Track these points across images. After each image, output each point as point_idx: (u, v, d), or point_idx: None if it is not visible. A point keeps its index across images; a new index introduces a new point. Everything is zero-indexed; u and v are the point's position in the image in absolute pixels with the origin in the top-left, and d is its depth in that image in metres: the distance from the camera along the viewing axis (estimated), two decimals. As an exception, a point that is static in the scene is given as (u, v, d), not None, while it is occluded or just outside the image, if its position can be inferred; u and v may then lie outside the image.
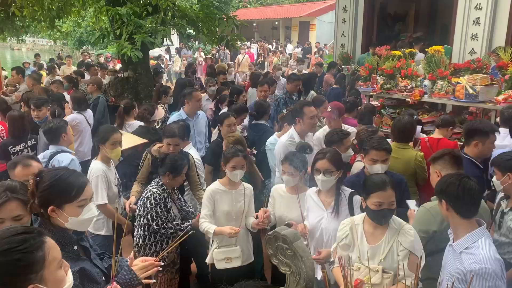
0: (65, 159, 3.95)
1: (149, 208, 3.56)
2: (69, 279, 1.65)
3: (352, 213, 3.10)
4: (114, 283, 2.03)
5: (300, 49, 24.97)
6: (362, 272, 2.50)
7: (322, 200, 3.22)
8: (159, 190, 3.61)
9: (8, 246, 1.47)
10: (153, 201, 3.57)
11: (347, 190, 3.24)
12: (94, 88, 7.29)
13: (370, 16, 10.19)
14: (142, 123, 5.47)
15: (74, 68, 13.41)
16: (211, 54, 20.02)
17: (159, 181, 3.69)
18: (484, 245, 2.29)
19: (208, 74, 10.24)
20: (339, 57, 10.49)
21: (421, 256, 2.42)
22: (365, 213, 2.72)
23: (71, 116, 5.91)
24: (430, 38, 9.96)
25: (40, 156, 4.11)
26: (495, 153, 3.65)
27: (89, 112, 6.28)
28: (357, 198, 3.13)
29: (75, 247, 2.07)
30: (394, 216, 2.67)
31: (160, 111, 6.12)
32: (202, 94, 6.37)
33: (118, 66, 12.59)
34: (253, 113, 5.68)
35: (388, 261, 2.55)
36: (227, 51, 20.38)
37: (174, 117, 5.48)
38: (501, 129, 4.39)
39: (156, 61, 17.64)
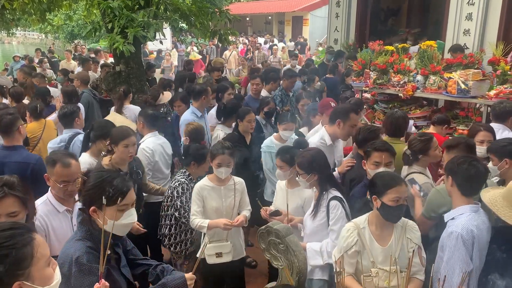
0: None
1: (175, 197, 3.68)
2: (57, 276, 1.62)
3: (328, 217, 3.06)
4: (103, 280, 1.99)
5: (293, 43, 24.82)
6: (382, 277, 2.45)
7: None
8: (186, 180, 3.74)
9: None
10: (180, 190, 3.70)
11: (332, 194, 3.13)
12: (78, 83, 7.24)
13: (363, 11, 10.18)
14: (138, 108, 5.68)
15: (75, 63, 13.28)
16: (197, 50, 19.68)
17: (186, 171, 3.80)
18: (467, 217, 2.51)
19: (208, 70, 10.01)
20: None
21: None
22: (367, 215, 2.67)
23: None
24: (423, 33, 9.99)
25: (57, 140, 4.40)
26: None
27: (81, 107, 6.24)
28: (334, 204, 3.06)
29: (108, 252, 2.05)
30: None
31: (166, 95, 6.38)
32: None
33: (110, 60, 12.52)
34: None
35: (402, 260, 2.54)
36: (214, 47, 20.00)
37: (187, 114, 5.28)
38: (493, 124, 4.42)
39: (156, 55, 17.39)
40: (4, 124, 3.70)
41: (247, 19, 34.16)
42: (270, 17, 33.95)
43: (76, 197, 2.80)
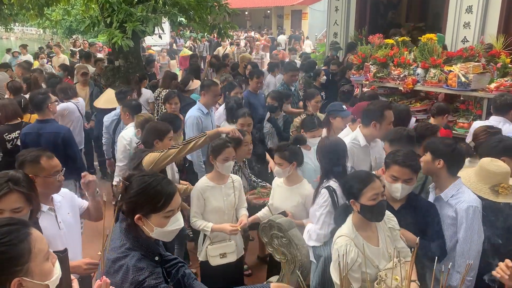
0: None
1: None
2: (57, 271, 1.59)
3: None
4: (104, 276, 1.97)
5: (286, 36, 24.61)
6: (390, 276, 2.39)
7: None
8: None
9: None
10: None
11: (328, 183, 3.11)
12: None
13: (363, 4, 10.14)
14: (150, 92, 6.81)
15: (64, 56, 13.22)
16: (188, 46, 19.31)
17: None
18: (466, 190, 2.84)
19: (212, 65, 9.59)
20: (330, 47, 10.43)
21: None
22: (349, 222, 2.57)
23: (62, 105, 5.87)
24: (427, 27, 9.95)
25: (111, 114, 5.37)
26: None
27: (81, 101, 6.24)
28: (323, 192, 3.08)
29: (156, 258, 2.01)
30: None
31: (196, 82, 6.66)
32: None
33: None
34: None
35: (396, 251, 2.53)
36: (206, 43, 19.62)
37: (193, 110, 5.06)
38: (493, 117, 4.42)
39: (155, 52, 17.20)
40: (36, 102, 4.56)
41: (246, 13, 34.03)
42: (269, 11, 33.83)
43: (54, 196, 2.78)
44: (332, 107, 4.64)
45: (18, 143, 4.62)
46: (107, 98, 6.17)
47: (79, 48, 15.10)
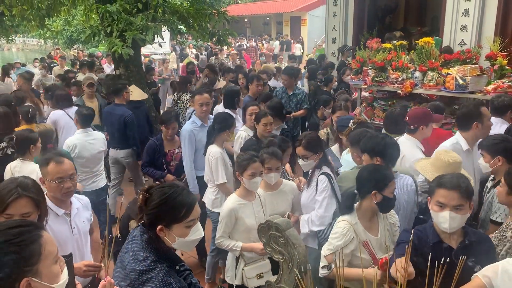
0: None
1: None
2: (64, 275, 1.63)
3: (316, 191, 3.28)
4: (108, 277, 2.00)
5: (277, 42, 24.74)
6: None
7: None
8: None
9: (4, 238, 1.48)
10: None
11: (323, 170, 3.34)
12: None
13: (361, 9, 10.21)
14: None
15: (68, 68, 13.28)
16: (194, 54, 19.19)
17: None
18: None
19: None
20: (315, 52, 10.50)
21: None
22: (355, 211, 2.71)
23: (52, 113, 6.21)
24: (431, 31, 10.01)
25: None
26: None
27: (73, 109, 6.26)
28: (322, 178, 3.32)
29: (177, 267, 2.02)
30: None
31: (222, 82, 7.47)
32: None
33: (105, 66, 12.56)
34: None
35: (392, 244, 2.66)
36: (205, 53, 19.10)
37: (187, 124, 4.94)
38: (491, 119, 4.44)
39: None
40: (115, 89, 6.26)
41: (246, 20, 34.21)
42: (268, 18, 34.00)
43: (72, 199, 2.83)
44: (341, 122, 4.48)
45: (9, 152, 4.55)
46: (138, 92, 7.01)
47: (74, 57, 15.16)
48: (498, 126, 4.23)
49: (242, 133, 4.90)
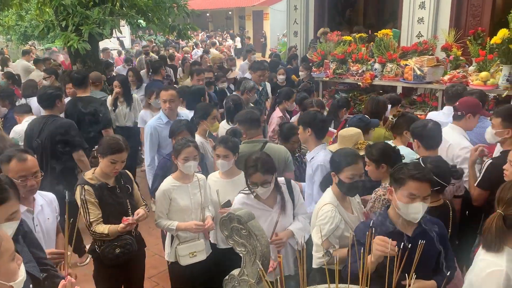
0: None
1: None
2: (22, 273, 1.59)
3: (293, 199, 3.13)
4: (69, 277, 1.94)
5: (239, 38, 24.65)
6: None
7: (263, 201, 3.07)
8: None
9: None
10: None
11: (282, 181, 3.17)
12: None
13: (321, 3, 10.31)
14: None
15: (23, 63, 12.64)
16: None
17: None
18: (324, 153, 3.58)
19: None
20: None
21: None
22: (330, 192, 2.83)
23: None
24: (380, 24, 10.22)
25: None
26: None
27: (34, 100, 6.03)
28: (295, 184, 3.26)
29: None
30: None
31: (235, 71, 7.58)
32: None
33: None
34: None
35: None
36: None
37: (153, 120, 4.74)
38: (446, 107, 4.58)
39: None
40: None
41: (208, 14, 33.90)
42: (230, 13, 33.82)
43: (36, 196, 2.75)
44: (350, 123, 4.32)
45: None
46: None
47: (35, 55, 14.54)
48: (452, 115, 4.35)
49: (223, 127, 4.81)
